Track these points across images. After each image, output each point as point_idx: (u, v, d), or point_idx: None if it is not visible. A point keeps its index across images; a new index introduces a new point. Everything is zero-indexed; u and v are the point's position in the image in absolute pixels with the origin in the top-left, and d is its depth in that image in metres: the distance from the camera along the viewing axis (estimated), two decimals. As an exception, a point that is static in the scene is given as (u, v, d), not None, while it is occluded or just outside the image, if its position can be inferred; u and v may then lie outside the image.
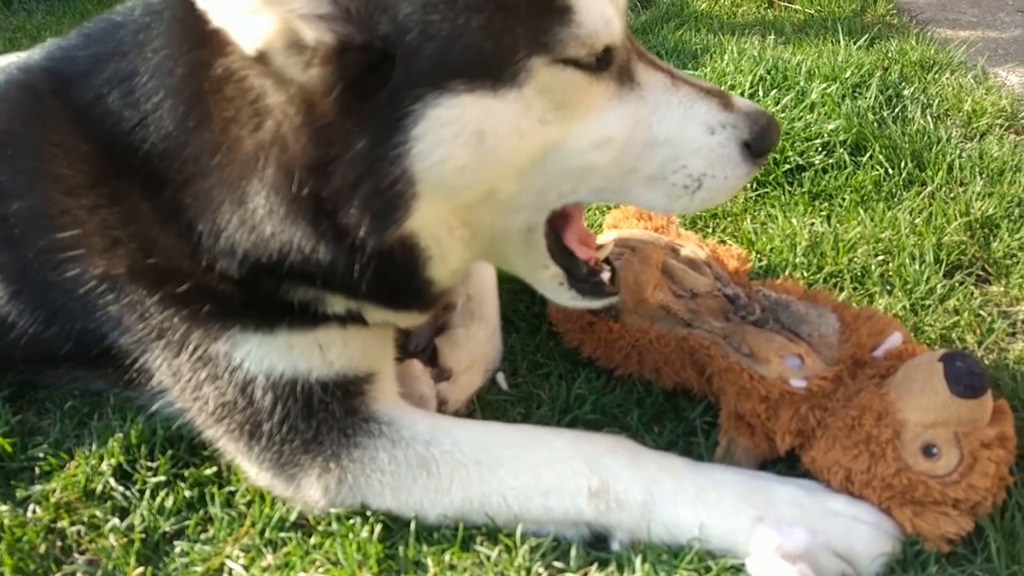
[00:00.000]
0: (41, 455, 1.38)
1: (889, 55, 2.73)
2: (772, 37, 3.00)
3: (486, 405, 1.47)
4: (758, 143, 1.14)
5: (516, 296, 1.73)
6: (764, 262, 1.80)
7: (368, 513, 1.22)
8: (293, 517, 1.24)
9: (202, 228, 1.12)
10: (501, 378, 1.53)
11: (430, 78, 0.99)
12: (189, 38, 1.10)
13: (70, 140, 1.23)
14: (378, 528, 1.19)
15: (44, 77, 1.30)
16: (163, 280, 1.20)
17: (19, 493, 1.31)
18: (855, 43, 2.83)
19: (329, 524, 1.22)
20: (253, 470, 1.26)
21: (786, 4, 3.42)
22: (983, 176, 2.01)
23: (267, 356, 1.20)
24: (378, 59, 0.99)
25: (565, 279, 1.26)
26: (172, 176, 1.13)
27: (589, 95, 1.07)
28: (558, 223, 1.22)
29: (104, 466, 1.33)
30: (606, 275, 1.30)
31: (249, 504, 1.28)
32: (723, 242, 1.89)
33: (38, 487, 1.32)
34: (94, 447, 1.38)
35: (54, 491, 1.31)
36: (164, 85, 1.12)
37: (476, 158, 1.03)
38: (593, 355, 1.52)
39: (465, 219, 1.15)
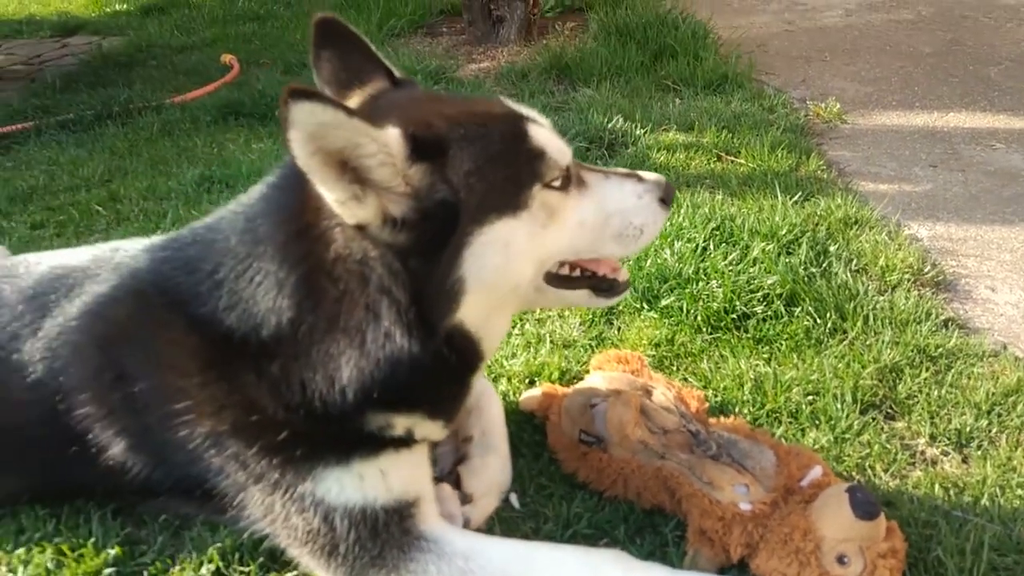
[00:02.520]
0: (148, 561, 1.71)
1: (819, 213, 3.23)
2: (720, 192, 3.50)
3: (502, 521, 1.83)
4: (666, 196, 1.67)
5: (520, 427, 2.11)
6: (719, 398, 2.21)
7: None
8: (361, 614, 1.58)
9: (320, 379, 1.47)
10: (514, 498, 1.89)
11: (475, 217, 1.42)
12: (297, 250, 1.47)
13: (183, 338, 1.56)
14: (428, 622, 1.54)
15: (152, 287, 1.63)
16: (262, 433, 1.54)
17: (133, 595, 1.64)
18: (791, 199, 3.34)
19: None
20: (328, 580, 1.60)
21: (732, 159, 3.96)
22: (892, 327, 2.47)
23: (344, 489, 1.54)
24: (444, 213, 1.41)
25: (591, 292, 1.72)
26: (284, 351, 1.49)
27: (565, 205, 1.56)
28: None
29: (204, 570, 1.67)
30: (622, 274, 1.76)
31: (325, 603, 1.61)
32: (685, 380, 2.30)
33: (149, 590, 1.65)
34: (194, 554, 1.71)
35: (163, 592, 1.64)
36: (278, 286, 1.47)
37: (505, 258, 1.47)
38: (587, 479, 1.90)
39: (497, 308, 1.57)
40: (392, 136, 1.34)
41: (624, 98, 4.80)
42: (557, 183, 1.53)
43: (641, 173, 1.69)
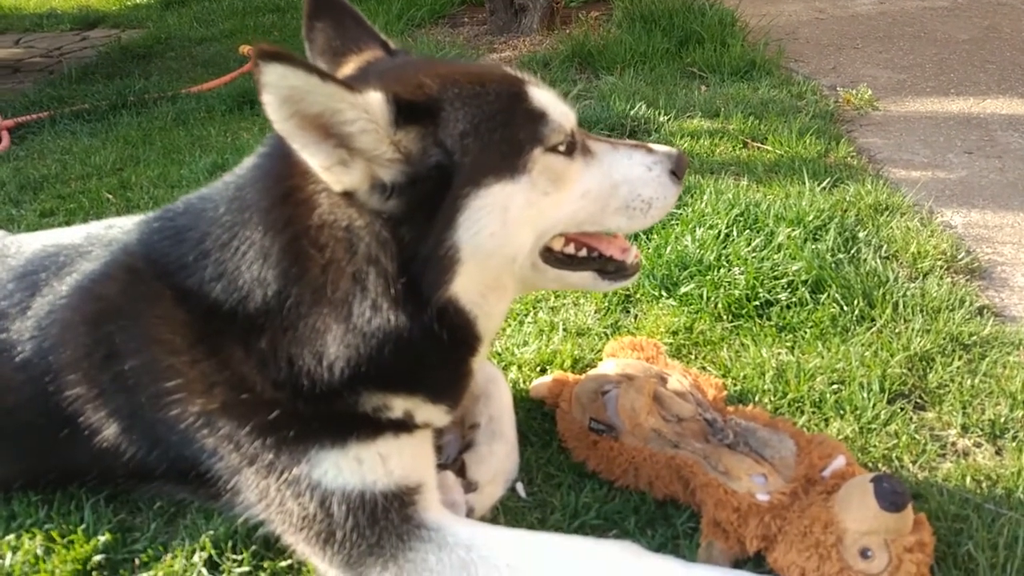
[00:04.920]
0: (140, 548, 1.66)
1: (847, 199, 3.11)
2: (746, 179, 3.40)
3: (507, 511, 1.76)
4: (678, 170, 1.59)
5: (530, 415, 2.03)
6: (738, 387, 2.12)
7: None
8: (357, 603, 1.51)
9: (307, 355, 1.41)
10: (520, 487, 1.82)
11: (471, 179, 1.35)
12: (280, 215, 1.41)
13: (171, 312, 1.51)
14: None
15: (143, 260, 1.58)
16: (254, 412, 1.47)
17: (124, 582, 1.58)
18: (819, 185, 3.23)
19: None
20: (324, 567, 1.52)
21: (759, 145, 3.84)
22: (923, 314, 2.35)
23: (341, 473, 1.47)
24: (438, 177, 1.34)
25: (596, 275, 1.64)
26: (271, 324, 1.42)
27: (570, 170, 1.48)
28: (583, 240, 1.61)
29: (196, 558, 1.61)
30: (632, 255, 1.67)
31: (320, 592, 1.55)
32: (704, 369, 2.21)
33: (141, 576, 1.59)
34: (187, 543, 1.66)
35: (154, 580, 1.58)
36: (262, 255, 1.42)
37: (502, 224, 1.39)
38: (596, 469, 1.82)
39: (493, 285, 1.48)
40: (373, 100, 1.27)
41: (648, 85, 4.71)
42: (561, 148, 1.45)
43: (652, 145, 1.61)
